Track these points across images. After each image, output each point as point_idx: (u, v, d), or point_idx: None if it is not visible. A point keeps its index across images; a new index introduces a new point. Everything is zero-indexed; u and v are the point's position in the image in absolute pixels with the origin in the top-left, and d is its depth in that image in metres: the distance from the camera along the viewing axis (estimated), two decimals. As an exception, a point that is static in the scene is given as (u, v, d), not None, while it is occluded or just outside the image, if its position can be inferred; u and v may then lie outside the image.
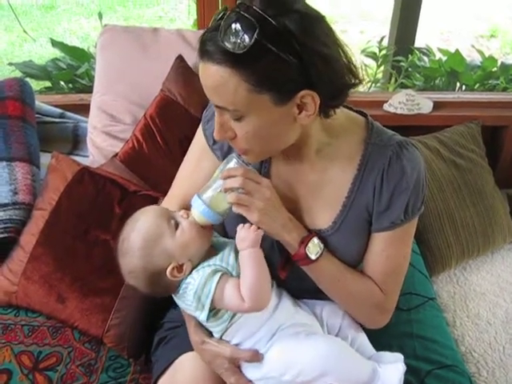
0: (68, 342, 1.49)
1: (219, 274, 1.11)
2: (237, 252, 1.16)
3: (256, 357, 1.15)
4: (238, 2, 0.97)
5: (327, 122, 1.11)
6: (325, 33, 0.97)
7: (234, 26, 0.91)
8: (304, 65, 0.94)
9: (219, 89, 0.96)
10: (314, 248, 1.14)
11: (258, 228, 1.11)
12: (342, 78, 1.01)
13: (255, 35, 0.89)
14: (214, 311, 1.13)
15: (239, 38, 0.90)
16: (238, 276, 1.13)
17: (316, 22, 0.96)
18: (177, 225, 1.14)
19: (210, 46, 0.94)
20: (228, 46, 0.91)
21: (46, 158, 1.79)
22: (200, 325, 1.19)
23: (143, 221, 1.15)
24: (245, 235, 1.11)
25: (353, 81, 1.03)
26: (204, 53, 0.96)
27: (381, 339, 1.30)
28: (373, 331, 1.29)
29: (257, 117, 1.00)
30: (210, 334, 1.20)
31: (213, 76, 0.95)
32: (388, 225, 1.16)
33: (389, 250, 1.20)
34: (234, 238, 1.26)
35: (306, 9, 0.96)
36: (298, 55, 0.93)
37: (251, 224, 1.11)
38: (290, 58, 0.92)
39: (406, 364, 1.18)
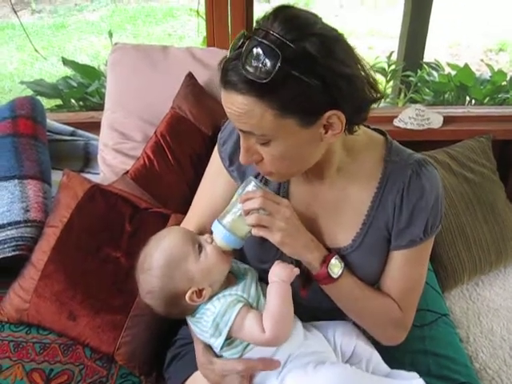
0: (79, 360, 1.49)
1: (241, 305, 1.11)
2: (257, 283, 1.17)
3: (269, 364, 1.14)
4: (254, 27, 0.97)
5: (348, 140, 1.12)
6: (344, 51, 0.98)
7: (255, 51, 0.91)
8: (327, 86, 0.94)
9: (245, 116, 0.97)
10: (335, 267, 1.14)
11: (295, 267, 1.12)
12: (364, 95, 1.01)
13: (278, 62, 0.90)
14: (229, 340, 1.12)
15: (261, 62, 0.91)
16: (258, 308, 1.13)
17: (335, 43, 0.96)
18: (200, 249, 1.14)
19: (232, 76, 0.94)
20: (250, 70, 0.91)
21: (57, 176, 1.80)
22: (208, 347, 1.18)
23: (169, 240, 1.15)
24: (280, 271, 1.12)
25: (374, 95, 1.04)
26: (227, 82, 0.96)
27: (394, 356, 1.30)
28: (386, 348, 1.28)
29: (284, 140, 1.00)
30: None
31: (237, 105, 0.96)
32: (407, 243, 1.16)
33: (407, 268, 1.20)
34: (252, 262, 1.26)
35: (325, 30, 0.97)
36: (321, 78, 0.93)
37: (290, 262, 1.13)
38: (313, 81, 0.92)
39: (420, 381, 1.17)
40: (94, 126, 2.16)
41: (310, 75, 0.92)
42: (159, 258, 1.13)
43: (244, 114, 0.96)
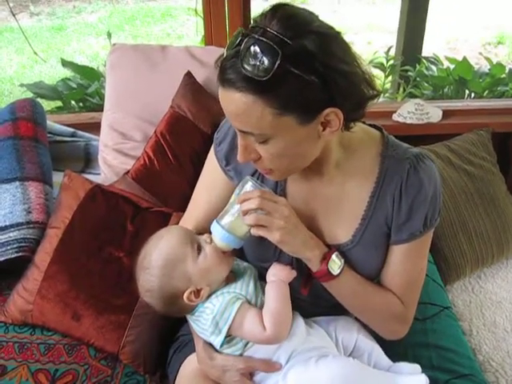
0: (84, 360, 1.49)
1: (240, 302, 1.11)
2: (256, 281, 1.18)
3: (271, 366, 1.14)
4: (251, 25, 0.97)
5: (345, 136, 1.12)
6: (342, 49, 0.98)
7: (253, 48, 0.91)
8: (326, 83, 0.94)
9: (243, 115, 0.97)
10: (335, 264, 1.14)
11: (294, 267, 1.13)
12: (362, 92, 1.02)
13: (278, 60, 0.90)
14: (228, 338, 1.13)
15: (258, 60, 0.90)
16: (257, 306, 1.13)
17: (333, 40, 0.97)
18: (199, 249, 1.14)
19: (231, 74, 0.94)
20: (248, 68, 0.91)
21: (58, 177, 1.81)
22: (209, 343, 1.18)
23: (167, 240, 1.15)
24: (278, 271, 1.13)
25: (371, 92, 1.04)
26: (225, 80, 0.96)
27: (396, 349, 1.30)
28: (388, 342, 1.28)
29: (282, 138, 1.00)
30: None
31: (236, 103, 0.96)
32: (407, 237, 1.17)
33: (407, 262, 1.20)
34: (252, 261, 1.27)
35: (322, 27, 0.97)
36: (320, 75, 0.93)
37: (290, 261, 1.15)
38: (312, 78, 0.92)
39: (423, 374, 1.18)
40: (95, 127, 2.17)
41: (308, 72, 0.92)
42: (158, 258, 1.13)
43: (242, 112, 0.96)
